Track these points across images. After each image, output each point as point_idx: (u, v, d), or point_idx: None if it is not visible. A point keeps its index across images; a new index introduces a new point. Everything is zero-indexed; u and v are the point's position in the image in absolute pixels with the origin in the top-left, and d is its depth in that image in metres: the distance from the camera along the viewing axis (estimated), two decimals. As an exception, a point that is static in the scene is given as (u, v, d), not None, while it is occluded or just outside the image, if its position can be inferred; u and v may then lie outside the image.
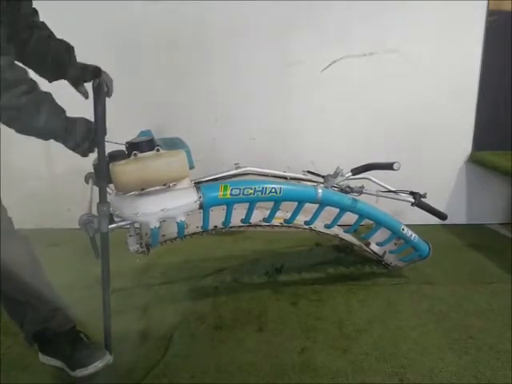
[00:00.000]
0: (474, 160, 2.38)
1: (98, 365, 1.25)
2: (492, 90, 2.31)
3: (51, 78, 1.26)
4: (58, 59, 1.23)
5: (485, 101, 2.32)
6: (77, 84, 1.27)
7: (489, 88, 2.30)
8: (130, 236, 1.45)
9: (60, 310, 1.31)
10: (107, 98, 1.15)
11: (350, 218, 1.67)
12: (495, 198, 2.49)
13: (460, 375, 1.28)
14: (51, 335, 1.29)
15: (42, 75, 1.25)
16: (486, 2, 2.20)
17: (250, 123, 2.32)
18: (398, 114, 2.30)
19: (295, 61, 2.23)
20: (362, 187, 1.59)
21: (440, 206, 1.79)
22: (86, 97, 1.27)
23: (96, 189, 1.33)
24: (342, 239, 1.84)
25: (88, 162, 1.33)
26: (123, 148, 1.26)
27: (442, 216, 1.71)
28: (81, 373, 1.24)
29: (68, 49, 1.25)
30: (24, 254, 1.24)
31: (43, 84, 1.19)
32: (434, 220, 1.84)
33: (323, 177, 1.67)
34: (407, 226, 1.78)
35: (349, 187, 1.58)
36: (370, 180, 1.71)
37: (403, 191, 1.64)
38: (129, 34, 2.15)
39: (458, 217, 2.50)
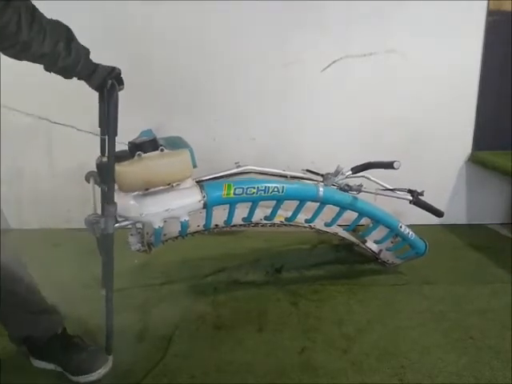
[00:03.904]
0: (474, 160, 2.38)
1: (101, 372, 1.25)
2: (492, 90, 2.31)
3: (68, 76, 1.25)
4: (79, 71, 1.21)
5: (485, 101, 2.32)
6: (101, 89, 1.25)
7: (489, 88, 2.30)
8: (132, 235, 1.44)
9: (45, 315, 1.28)
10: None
11: (348, 216, 1.68)
12: (495, 198, 2.49)
13: (460, 375, 1.29)
14: (38, 340, 1.27)
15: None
16: (485, 2, 2.20)
17: (249, 123, 2.32)
18: (397, 114, 2.29)
19: (295, 61, 2.23)
20: (361, 185, 1.60)
21: (440, 206, 1.79)
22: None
23: (97, 188, 1.33)
24: (342, 238, 1.85)
25: (88, 162, 1.33)
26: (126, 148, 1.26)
27: (438, 213, 1.71)
28: (84, 379, 1.24)
29: (86, 54, 1.25)
30: (4, 256, 1.17)
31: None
32: (435, 220, 1.84)
33: (322, 175, 1.68)
34: (407, 225, 1.78)
35: (348, 185, 1.59)
36: (368, 179, 1.72)
37: (401, 189, 1.65)
38: (128, 34, 2.15)
39: (458, 217, 2.50)
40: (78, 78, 1.20)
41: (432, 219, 1.82)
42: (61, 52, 1.06)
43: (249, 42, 2.19)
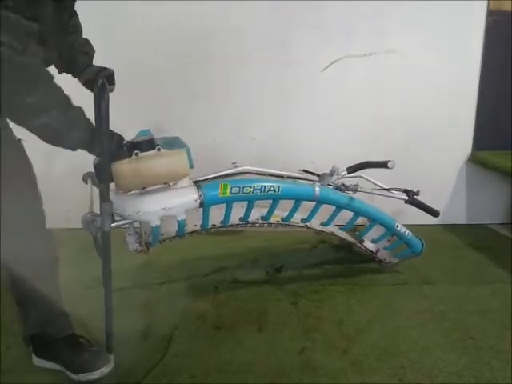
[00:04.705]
0: (474, 160, 2.38)
1: (104, 370, 1.25)
2: (492, 90, 2.31)
3: (61, 71, 1.27)
4: (76, 58, 1.23)
5: (485, 101, 2.32)
6: (90, 87, 1.26)
7: (489, 88, 2.30)
8: (129, 235, 1.44)
9: (62, 316, 1.31)
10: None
11: (347, 217, 1.68)
12: (495, 198, 2.49)
13: (460, 375, 1.28)
14: (49, 340, 1.29)
15: (54, 63, 1.24)
16: (485, 2, 2.20)
17: (249, 123, 2.32)
18: (397, 114, 2.29)
19: (295, 61, 2.23)
20: (357, 185, 1.61)
21: (440, 206, 1.79)
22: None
23: (95, 188, 1.33)
24: (341, 238, 1.85)
25: (87, 162, 1.33)
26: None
27: (434, 213, 1.72)
28: (85, 377, 1.24)
29: (89, 54, 1.26)
30: (47, 254, 1.25)
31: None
32: (434, 220, 1.84)
33: (318, 175, 1.68)
34: (407, 225, 1.78)
35: (344, 185, 1.60)
36: (363, 178, 1.73)
37: (397, 189, 1.66)
38: (128, 34, 2.15)
39: (458, 217, 2.50)
40: (73, 75, 1.24)
41: (432, 219, 1.82)
42: None
43: (249, 41, 2.20)
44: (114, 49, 2.08)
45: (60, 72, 1.27)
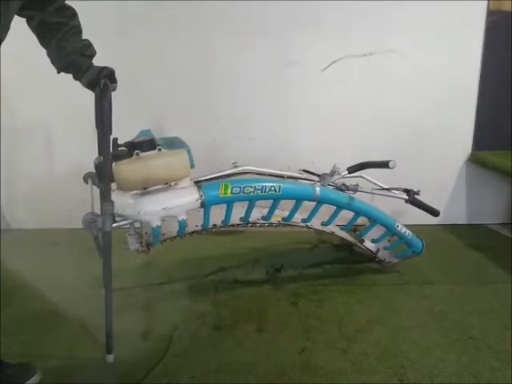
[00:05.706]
0: (474, 160, 2.38)
1: (31, 382, 1.21)
2: (492, 90, 2.31)
3: (61, 71, 1.26)
4: (78, 61, 1.23)
5: (485, 101, 2.32)
6: (92, 87, 1.26)
7: (489, 88, 2.30)
8: (130, 235, 1.45)
9: None
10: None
11: (347, 217, 1.68)
12: (495, 198, 2.49)
13: (460, 375, 1.29)
14: None
15: (53, 63, 1.25)
16: (485, 2, 2.20)
17: (249, 123, 2.32)
18: (397, 114, 2.30)
19: (295, 61, 2.23)
20: (357, 185, 1.62)
21: (440, 206, 1.79)
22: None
23: (96, 188, 1.33)
24: (341, 238, 1.85)
25: (88, 162, 1.33)
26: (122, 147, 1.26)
27: (434, 212, 1.72)
28: None
29: (91, 56, 1.26)
30: None
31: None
32: (434, 220, 1.84)
33: (318, 175, 1.69)
34: (407, 225, 1.79)
35: (344, 185, 1.61)
36: (364, 178, 1.73)
37: (397, 189, 1.66)
38: (128, 34, 2.15)
39: (458, 217, 2.50)
40: (74, 77, 1.23)
41: (432, 219, 1.82)
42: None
43: (249, 41, 2.20)
44: (114, 49, 2.08)
45: (59, 72, 1.27)
